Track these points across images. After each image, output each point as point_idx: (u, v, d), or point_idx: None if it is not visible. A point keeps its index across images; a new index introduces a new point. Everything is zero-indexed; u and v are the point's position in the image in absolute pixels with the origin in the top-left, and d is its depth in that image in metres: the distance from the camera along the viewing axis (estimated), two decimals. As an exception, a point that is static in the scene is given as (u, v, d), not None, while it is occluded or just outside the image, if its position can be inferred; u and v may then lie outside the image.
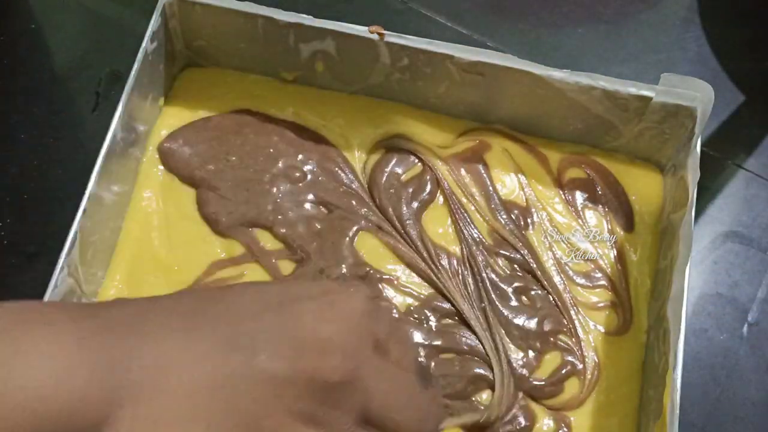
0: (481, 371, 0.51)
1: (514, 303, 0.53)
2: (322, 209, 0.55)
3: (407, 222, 0.55)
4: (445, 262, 0.54)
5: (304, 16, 0.54)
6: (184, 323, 0.33)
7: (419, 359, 0.37)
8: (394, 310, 0.52)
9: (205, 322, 0.33)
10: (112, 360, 0.31)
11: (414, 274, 0.54)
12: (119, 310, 0.33)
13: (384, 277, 0.53)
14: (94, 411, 0.30)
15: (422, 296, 0.53)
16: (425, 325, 0.52)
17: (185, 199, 0.56)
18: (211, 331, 0.32)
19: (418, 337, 0.51)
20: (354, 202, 0.56)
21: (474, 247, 0.54)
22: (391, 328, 0.36)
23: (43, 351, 0.30)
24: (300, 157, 0.57)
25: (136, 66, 0.52)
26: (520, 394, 0.51)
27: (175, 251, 0.54)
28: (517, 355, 0.52)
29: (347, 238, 0.54)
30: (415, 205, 0.56)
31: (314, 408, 0.32)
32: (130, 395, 0.31)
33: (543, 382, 0.51)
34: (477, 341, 0.52)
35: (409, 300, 0.53)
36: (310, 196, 0.55)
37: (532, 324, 0.53)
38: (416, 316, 0.52)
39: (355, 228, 0.55)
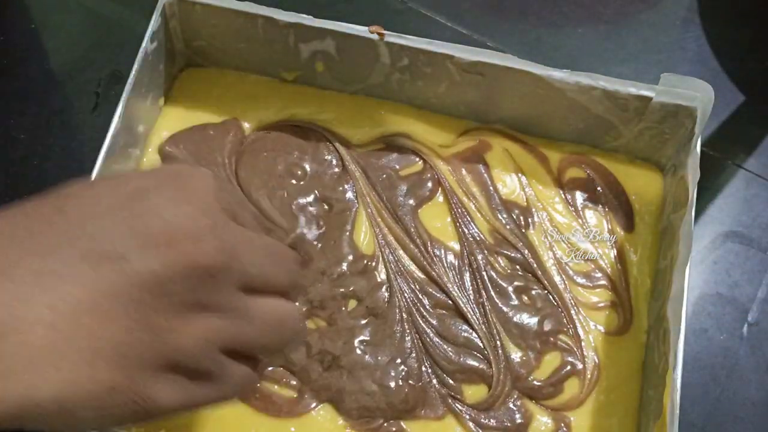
0: (476, 364, 0.51)
1: (514, 302, 0.53)
2: (324, 206, 0.55)
3: (401, 208, 0.55)
4: (440, 252, 0.54)
5: (304, 16, 0.54)
6: (32, 247, 0.30)
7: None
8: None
9: (57, 241, 0.30)
10: None
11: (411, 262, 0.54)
12: None
13: (380, 264, 0.54)
14: None
15: (418, 280, 0.53)
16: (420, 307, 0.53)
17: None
18: (67, 248, 0.29)
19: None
20: (346, 186, 0.56)
21: (474, 246, 0.54)
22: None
23: None
24: (296, 154, 0.57)
25: (136, 66, 0.52)
26: (515, 393, 0.51)
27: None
28: (516, 355, 0.52)
29: (347, 233, 0.54)
30: (411, 200, 0.56)
31: (200, 294, 0.31)
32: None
33: (541, 383, 0.51)
34: (473, 334, 0.52)
35: (404, 285, 0.53)
36: (311, 197, 0.55)
37: (533, 323, 0.53)
38: (411, 299, 0.53)
39: (351, 217, 0.55)
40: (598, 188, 0.57)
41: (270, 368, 0.50)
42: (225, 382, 0.33)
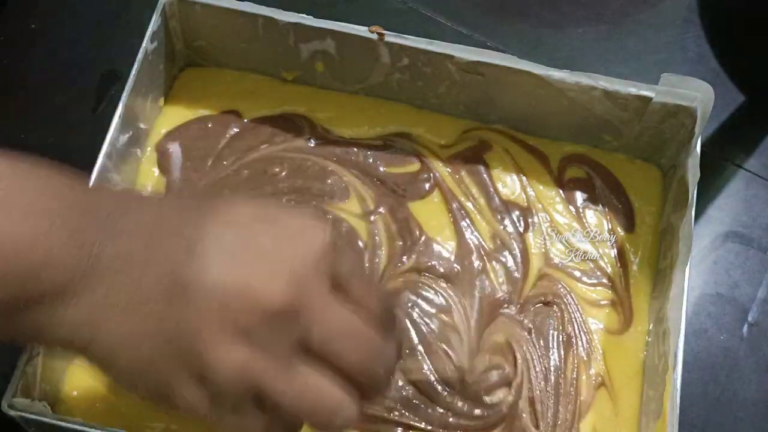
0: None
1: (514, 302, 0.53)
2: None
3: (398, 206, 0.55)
4: (437, 250, 0.54)
5: (304, 16, 0.54)
6: (156, 225, 0.34)
7: (389, 309, 0.37)
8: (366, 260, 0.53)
9: (176, 229, 0.34)
10: (90, 239, 0.33)
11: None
12: (109, 199, 0.35)
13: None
14: (58, 277, 0.32)
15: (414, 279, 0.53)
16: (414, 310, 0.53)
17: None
18: (176, 238, 0.33)
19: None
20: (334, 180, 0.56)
21: (473, 246, 0.54)
22: (355, 269, 0.36)
23: (32, 206, 0.33)
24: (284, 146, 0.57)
25: (136, 66, 0.52)
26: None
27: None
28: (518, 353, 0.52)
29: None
30: (405, 197, 0.56)
31: (253, 328, 0.32)
32: (94, 272, 0.32)
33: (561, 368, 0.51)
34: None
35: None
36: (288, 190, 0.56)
37: (533, 323, 0.53)
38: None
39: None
40: (598, 188, 0.57)
41: None
42: (240, 421, 0.34)
